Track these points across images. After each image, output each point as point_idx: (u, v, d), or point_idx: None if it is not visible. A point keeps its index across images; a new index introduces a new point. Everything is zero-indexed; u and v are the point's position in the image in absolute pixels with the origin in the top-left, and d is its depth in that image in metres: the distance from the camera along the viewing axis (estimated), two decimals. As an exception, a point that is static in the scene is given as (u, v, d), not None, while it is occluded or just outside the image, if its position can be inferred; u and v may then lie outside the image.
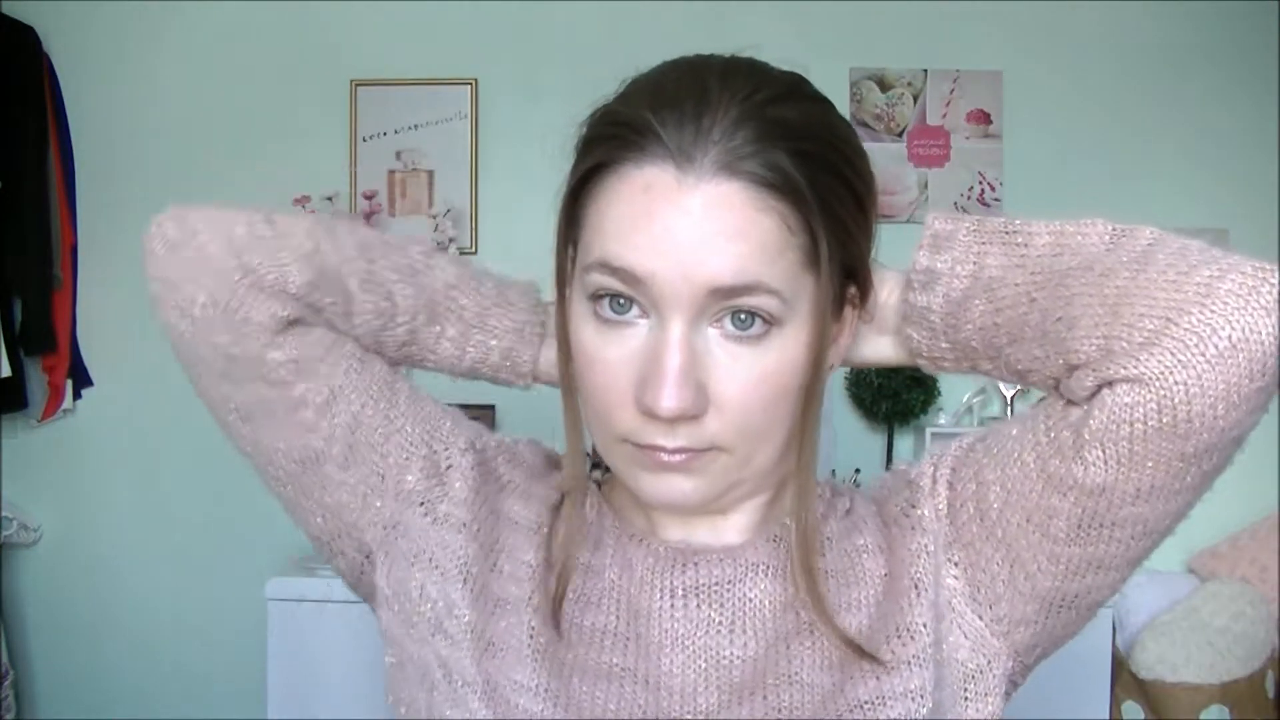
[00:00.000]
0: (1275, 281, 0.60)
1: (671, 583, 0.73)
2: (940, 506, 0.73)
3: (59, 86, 2.76)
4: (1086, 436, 0.64)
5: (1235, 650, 2.43)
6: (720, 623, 0.72)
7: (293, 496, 0.78)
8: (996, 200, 2.76)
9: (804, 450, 0.70)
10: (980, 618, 0.70)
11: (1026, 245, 0.70)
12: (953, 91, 2.77)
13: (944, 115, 2.77)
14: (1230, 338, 0.59)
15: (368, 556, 0.78)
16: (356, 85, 2.75)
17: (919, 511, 0.73)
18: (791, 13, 2.74)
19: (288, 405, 0.75)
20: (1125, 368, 0.61)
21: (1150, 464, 0.63)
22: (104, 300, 2.80)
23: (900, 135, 2.77)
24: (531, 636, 0.71)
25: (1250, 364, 0.59)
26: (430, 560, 0.75)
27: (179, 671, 2.75)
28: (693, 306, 0.65)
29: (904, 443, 2.73)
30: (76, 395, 2.77)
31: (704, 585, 0.73)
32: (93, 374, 2.79)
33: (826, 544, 0.75)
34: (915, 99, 2.77)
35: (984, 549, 0.70)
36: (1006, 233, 0.71)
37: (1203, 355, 0.59)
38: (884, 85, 2.77)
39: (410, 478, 0.77)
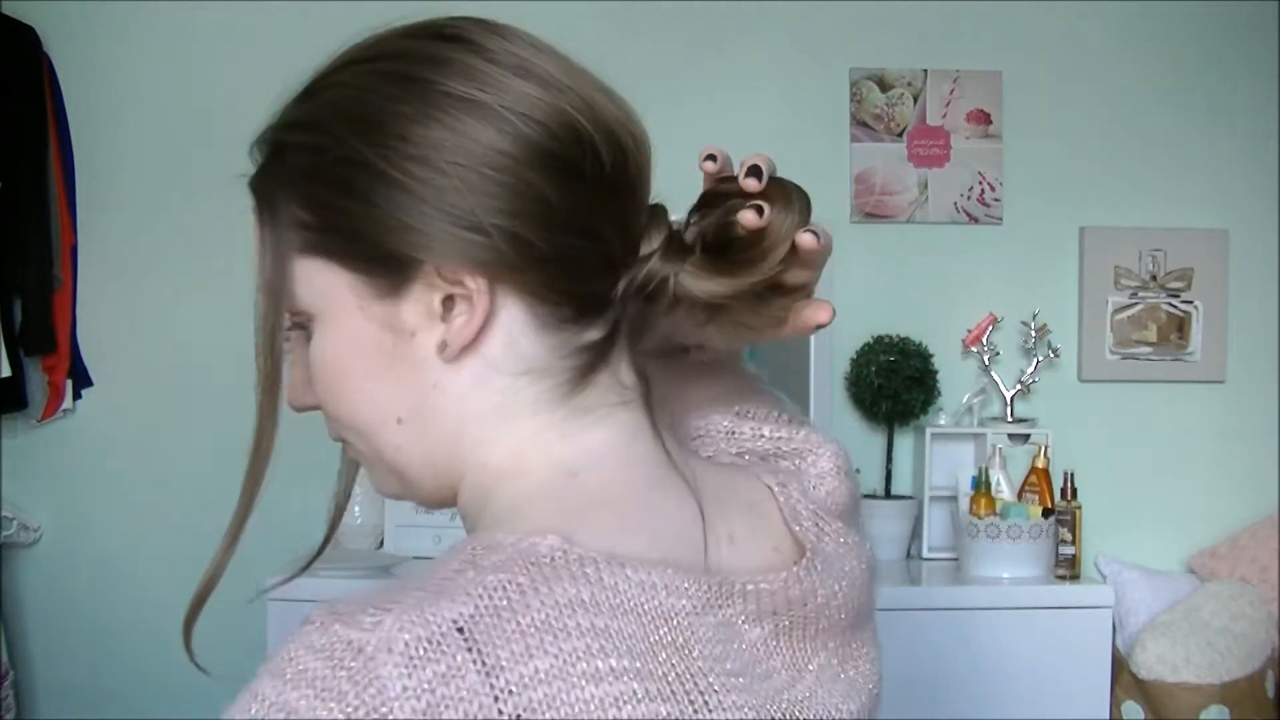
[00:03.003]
0: None
1: None
2: None
3: (59, 86, 2.75)
4: None
5: (1235, 650, 2.43)
6: None
7: None
8: (996, 200, 2.76)
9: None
10: None
11: None
12: (953, 92, 2.77)
13: (944, 115, 2.77)
14: None
15: None
16: (356, 85, 2.74)
17: None
18: (791, 13, 2.74)
19: None
20: None
21: None
22: (104, 300, 2.79)
23: (900, 135, 2.77)
24: None
25: None
26: None
27: (179, 671, 2.73)
28: None
29: (904, 443, 2.73)
30: (76, 395, 2.77)
31: None
32: (93, 374, 2.79)
33: None
34: (915, 99, 2.77)
35: None
36: None
37: None
38: (884, 85, 2.77)
39: None
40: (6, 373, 2.58)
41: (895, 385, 2.63)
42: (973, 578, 2.41)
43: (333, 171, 0.59)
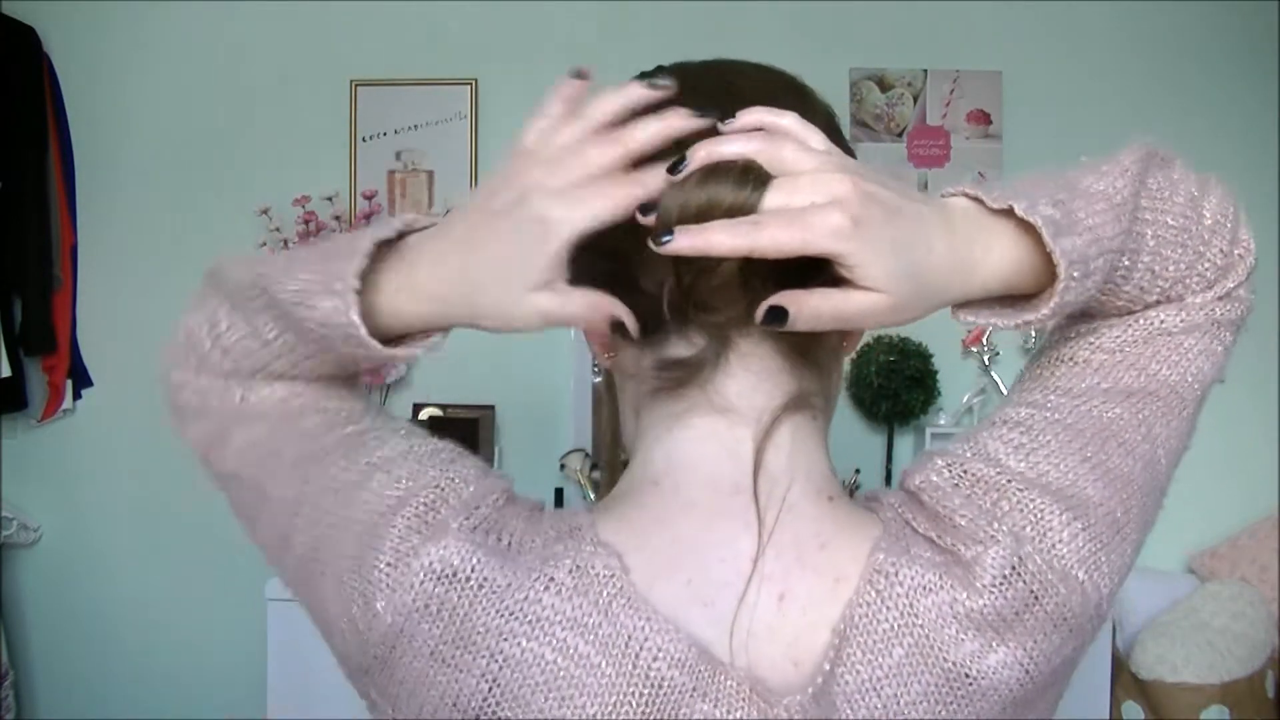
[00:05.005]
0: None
1: None
2: None
3: (59, 86, 2.76)
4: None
5: (1235, 650, 2.43)
6: None
7: None
8: (996, 200, 2.76)
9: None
10: None
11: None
12: (953, 92, 2.77)
13: (944, 115, 2.77)
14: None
15: None
16: (356, 85, 2.75)
17: None
18: (791, 13, 2.74)
19: None
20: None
21: None
22: (104, 300, 2.80)
23: (900, 136, 2.77)
24: None
25: None
26: None
27: (179, 671, 2.75)
28: None
29: (904, 443, 2.73)
30: (76, 395, 2.78)
31: None
32: (93, 374, 2.79)
33: None
34: (915, 99, 2.77)
35: None
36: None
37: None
38: (884, 85, 2.77)
39: None
40: (6, 373, 2.59)
41: (895, 385, 2.64)
42: (973, 578, 2.41)
43: None
